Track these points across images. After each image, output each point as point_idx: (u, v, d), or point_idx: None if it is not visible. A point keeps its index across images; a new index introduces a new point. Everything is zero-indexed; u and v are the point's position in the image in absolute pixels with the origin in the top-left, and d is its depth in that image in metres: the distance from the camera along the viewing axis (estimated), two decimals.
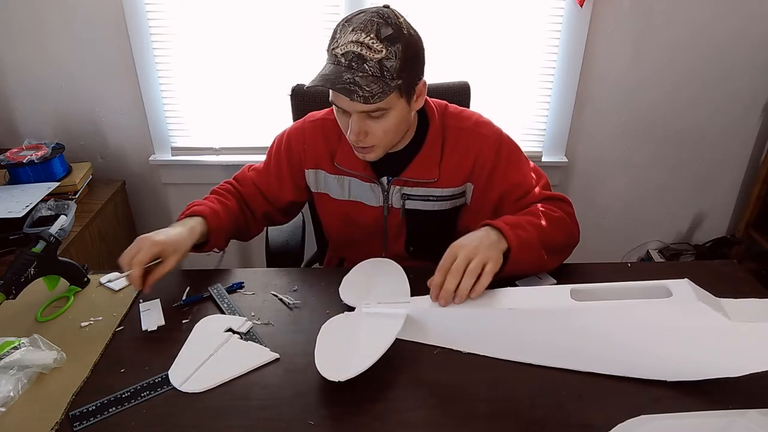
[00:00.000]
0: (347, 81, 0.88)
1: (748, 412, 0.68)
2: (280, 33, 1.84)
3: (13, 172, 1.76)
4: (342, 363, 0.77)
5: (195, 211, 1.04)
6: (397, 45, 0.89)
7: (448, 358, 0.83)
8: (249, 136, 2.01)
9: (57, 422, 0.72)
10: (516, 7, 1.81)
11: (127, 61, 1.88)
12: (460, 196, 1.11)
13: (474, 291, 0.83)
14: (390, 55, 0.89)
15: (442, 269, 0.86)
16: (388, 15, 0.91)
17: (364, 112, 0.93)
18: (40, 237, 0.93)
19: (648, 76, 1.92)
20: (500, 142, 1.07)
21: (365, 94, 0.88)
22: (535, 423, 0.72)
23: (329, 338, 0.83)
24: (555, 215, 1.00)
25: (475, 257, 0.85)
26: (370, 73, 0.89)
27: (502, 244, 0.90)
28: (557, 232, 0.98)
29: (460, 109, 1.11)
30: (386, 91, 0.89)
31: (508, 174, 1.06)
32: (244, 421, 0.73)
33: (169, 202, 2.17)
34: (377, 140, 0.97)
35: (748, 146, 2.08)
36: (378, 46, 0.88)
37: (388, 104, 0.93)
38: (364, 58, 0.88)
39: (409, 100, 0.97)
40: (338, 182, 1.12)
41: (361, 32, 0.88)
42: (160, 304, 0.95)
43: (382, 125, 0.95)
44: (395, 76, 0.90)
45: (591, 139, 2.05)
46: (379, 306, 0.89)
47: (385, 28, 0.89)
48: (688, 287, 0.75)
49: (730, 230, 2.26)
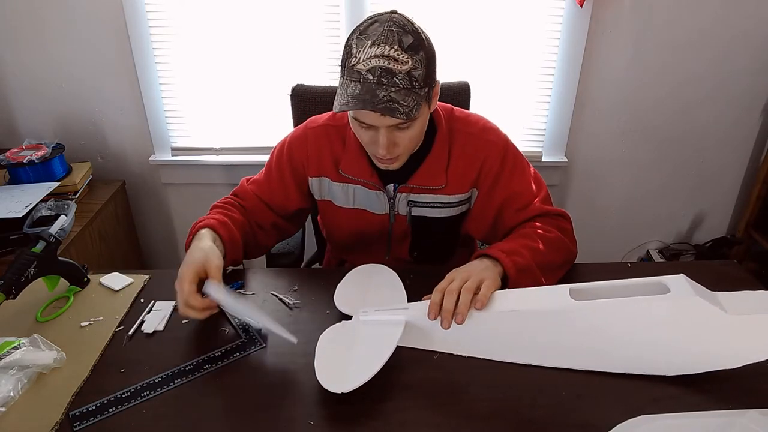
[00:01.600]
0: (385, 99, 0.85)
1: (748, 412, 0.68)
2: (280, 33, 1.84)
3: (13, 172, 1.76)
4: (343, 374, 0.76)
5: (203, 225, 0.99)
6: (420, 53, 0.87)
7: (448, 358, 0.83)
8: (249, 136, 2.01)
9: (57, 422, 0.72)
10: (516, 7, 1.81)
11: (127, 61, 1.88)
12: (466, 202, 1.10)
13: (478, 302, 0.82)
14: (416, 65, 0.87)
15: (439, 289, 0.86)
16: (403, 23, 0.88)
17: (394, 125, 0.90)
18: (40, 237, 0.93)
19: (648, 76, 1.93)
20: (506, 149, 1.05)
21: (405, 110, 0.85)
22: (535, 423, 0.72)
23: (328, 349, 0.82)
24: (551, 236, 0.99)
25: (470, 278, 0.85)
26: (401, 87, 0.86)
27: (498, 269, 0.90)
28: (554, 254, 0.98)
29: (466, 113, 1.09)
30: (419, 102, 0.88)
31: (512, 182, 1.05)
32: (244, 421, 0.73)
33: (169, 202, 2.17)
34: (406, 149, 0.96)
35: (748, 146, 2.08)
36: (404, 57, 0.85)
37: (419, 113, 0.90)
38: (392, 71, 0.85)
39: (429, 105, 0.95)
40: (343, 190, 1.10)
41: (384, 45, 0.85)
42: (172, 309, 0.94)
43: (409, 134, 0.93)
44: (423, 85, 0.88)
45: (591, 139, 2.05)
46: (377, 313, 0.88)
47: (406, 36, 0.86)
48: (685, 282, 0.76)
49: (730, 230, 2.26)
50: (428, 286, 0.88)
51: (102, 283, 1.01)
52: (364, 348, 0.81)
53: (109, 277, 1.03)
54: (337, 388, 0.73)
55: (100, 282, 1.02)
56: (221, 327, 0.91)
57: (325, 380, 0.75)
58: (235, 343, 0.87)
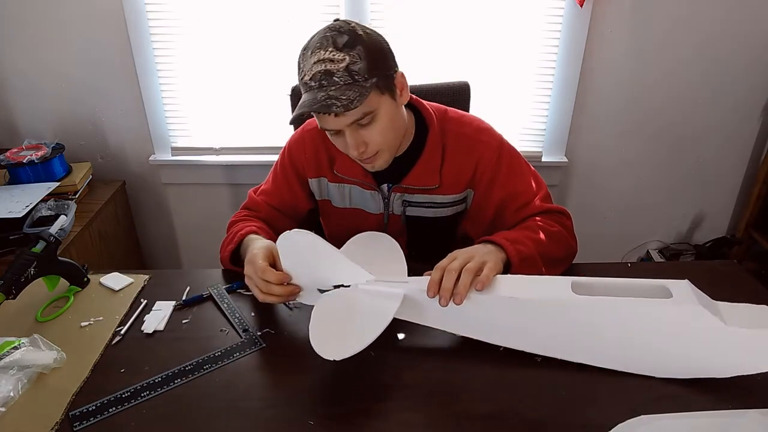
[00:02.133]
0: (322, 99, 0.87)
1: (748, 412, 0.68)
2: (280, 33, 1.84)
3: (13, 172, 1.76)
4: (337, 341, 0.76)
5: (245, 233, 1.01)
6: (358, 47, 0.88)
7: (448, 358, 0.83)
8: (249, 136, 2.01)
9: (57, 422, 0.72)
10: (516, 7, 1.81)
11: (127, 61, 1.88)
12: (461, 202, 1.10)
13: (479, 283, 0.81)
14: (354, 59, 0.87)
15: (439, 267, 0.85)
16: (339, 25, 0.90)
17: (353, 123, 0.91)
18: (40, 237, 0.93)
19: (648, 76, 1.92)
20: (501, 149, 1.06)
21: (343, 103, 0.86)
22: (535, 423, 0.72)
23: (325, 315, 0.82)
24: (553, 230, 0.99)
25: (473, 259, 0.85)
26: (341, 83, 0.87)
27: (502, 255, 0.90)
28: (555, 247, 0.98)
29: (460, 114, 1.09)
30: (364, 93, 0.88)
31: (509, 182, 1.05)
32: (244, 421, 0.73)
33: (169, 202, 2.17)
34: (378, 145, 0.96)
35: (748, 146, 2.08)
36: (339, 55, 0.87)
37: (372, 105, 0.91)
38: (330, 72, 0.87)
39: (393, 96, 0.95)
40: (339, 190, 1.11)
41: (320, 50, 0.88)
42: (171, 309, 0.95)
43: (376, 128, 0.94)
44: (368, 77, 0.89)
45: (591, 139, 2.05)
46: (377, 284, 0.87)
47: (341, 37, 0.88)
48: (689, 289, 0.75)
49: (730, 230, 2.26)
50: None
51: (102, 283, 1.01)
52: (360, 317, 0.81)
53: (109, 277, 1.03)
54: (329, 355, 0.74)
55: (100, 282, 1.02)
56: (221, 327, 0.91)
57: (318, 346, 0.75)
58: (235, 343, 0.87)
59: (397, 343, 0.86)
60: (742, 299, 0.80)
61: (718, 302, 0.78)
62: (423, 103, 1.07)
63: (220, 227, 1.14)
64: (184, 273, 1.06)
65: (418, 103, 1.07)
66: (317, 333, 0.78)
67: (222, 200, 2.14)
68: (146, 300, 0.97)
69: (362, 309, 0.83)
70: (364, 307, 0.84)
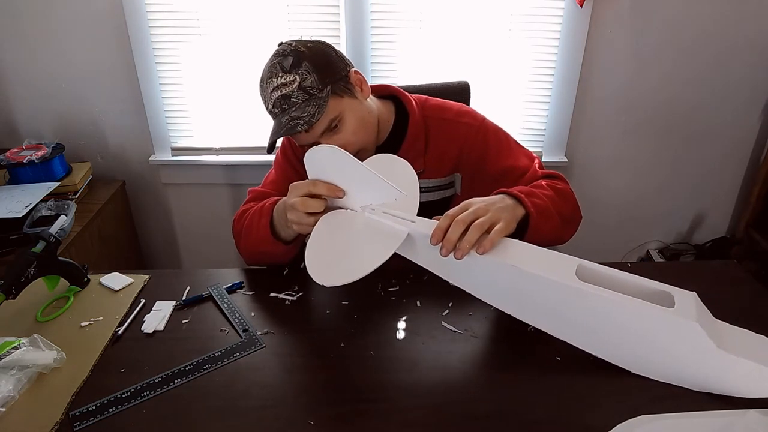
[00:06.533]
0: (286, 122, 0.92)
1: (748, 412, 0.68)
2: (280, 33, 1.84)
3: (13, 172, 1.76)
4: (333, 267, 0.75)
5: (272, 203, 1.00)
6: (304, 63, 0.93)
7: (448, 358, 0.83)
8: (249, 136, 2.01)
9: (57, 422, 0.72)
10: (516, 7, 1.82)
11: (127, 61, 1.88)
12: (448, 186, 1.11)
13: (481, 246, 0.77)
14: (304, 76, 0.93)
15: (449, 215, 0.80)
16: (282, 50, 0.95)
17: (324, 132, 0.96)
18: (40, 237, 0.93)
19: (648, 76, 1.93)
20: (485, 128, 1.07)
21: (306, 120, 0.92)
22: (535, 423, 0.72)
23: (325, 236, 0.80)
24: (560, 187, 0.99)
25: (485, 214, 0.80)
26: (300, 102, 0.93)
27: (519, 211, 0.87)
28: (565, 203, 0.98)
29: (441, 101, 1.12)
30: (322, 104, 0.93)
31: (500, 159, 1.05)
32: (244, 421, 0.73)
33: (169, 202, 2.17)
34: (355, 144, 0.99)
35: (748, 146, 2.08)
36: (289, 77, 0.93)
37: (335, 111, 0.95)
38: (286, 95, 0.93)
39: (353, 95, 0.98)
40: None
41: (271, 79, 0.94)
42: (171, 309, 0.95)
43: (348, 130, 0.97)
44: (321, 87, 0.93)
45: (591, 138, 2.05)
46: (384, 215, 0.84)
47: (286, 60, 0.93)
48: (693, 303, 0.74)
49: (730, 230, 2.26)
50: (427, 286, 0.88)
51: (102, 283, 1.01)
52: (360, 246, 0.80)
53: (109, 277, 1.03)
54: (322, 280, 0.73)
55: (100, 282, 1.02)
56: (221, 327, 0.91)
57: (313, 268, 0.75)
58: (235, 343, 0.87)
59: (397, 343, 0.86)
60: (742, 299, 0.80)
61: (720, 322, 0.76)
62: (403, 93, 1.09)
63: (220, 227, 1.14)
64: (184, 273, 1.05)
65: (399, 92, 1.10)
66: (314, 254, 0.77)
67: (222, 200, 2.14)
68: (146, 300, 0.97)
69: (364, 238, 0.81)
70: (366, 235, 0.81)
